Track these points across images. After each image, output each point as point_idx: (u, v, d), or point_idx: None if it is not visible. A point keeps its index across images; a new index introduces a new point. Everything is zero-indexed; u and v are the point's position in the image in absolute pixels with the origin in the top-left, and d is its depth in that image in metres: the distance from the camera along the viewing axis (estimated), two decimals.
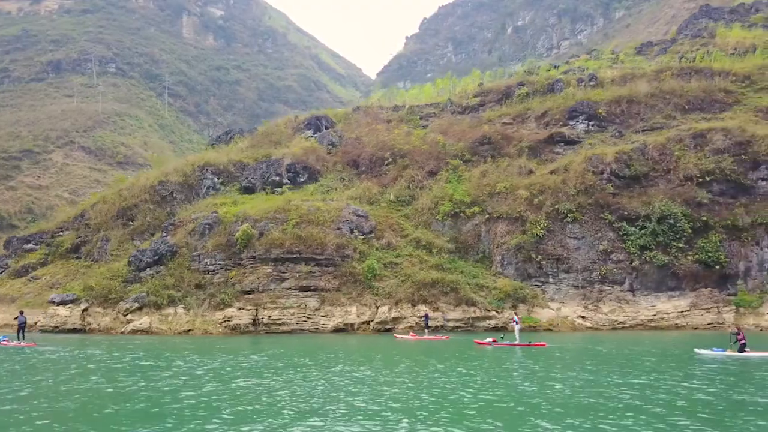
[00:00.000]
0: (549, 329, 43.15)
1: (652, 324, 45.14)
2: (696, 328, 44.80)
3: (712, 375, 19.62)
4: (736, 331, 25.28)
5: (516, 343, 29.74)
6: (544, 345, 28.75)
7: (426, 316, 36.57)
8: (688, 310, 45.76)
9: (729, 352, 24.51)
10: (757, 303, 45.66)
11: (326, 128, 58.19)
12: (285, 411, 13.41)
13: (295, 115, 65.45)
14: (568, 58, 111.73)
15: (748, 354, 24.06)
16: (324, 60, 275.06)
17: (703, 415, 13.08)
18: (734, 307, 45.92)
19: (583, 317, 45.00)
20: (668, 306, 45.98)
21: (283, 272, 41.73)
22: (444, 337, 34.54)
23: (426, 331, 35.47)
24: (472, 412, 13.25)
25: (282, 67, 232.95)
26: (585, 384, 17.34)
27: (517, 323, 31.92)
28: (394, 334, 37.28)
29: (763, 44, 70.82)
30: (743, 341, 24.40)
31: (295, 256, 41.92)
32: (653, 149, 50.77)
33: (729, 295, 46.83)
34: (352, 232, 44.44)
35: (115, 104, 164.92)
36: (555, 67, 70.71)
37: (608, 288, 46.22)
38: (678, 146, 50.75)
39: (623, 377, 19.02)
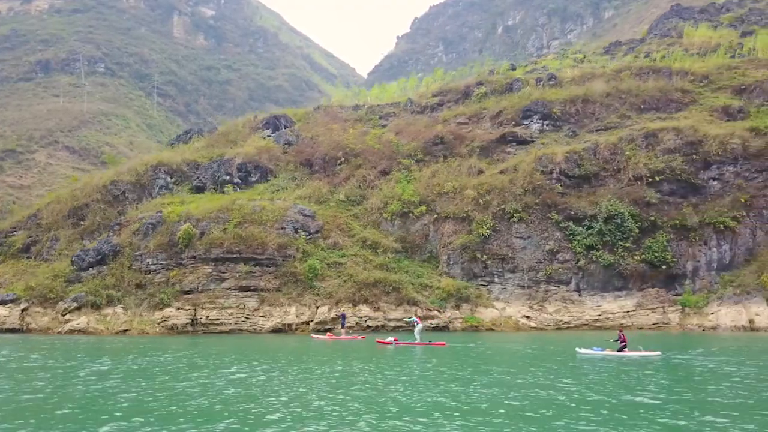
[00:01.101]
0: (491, 329, 42.96)
1: (598, 324, 44.90)
2: (641, 328, 44.55)
3: (579, 374, 19.41)
4: (619, 332, 25.68)
5: (417, 342, 29.65)
6: (443, 344, 28.78)
7: (342, 316, 36.33)
8: (633, 310, 45.54)
9: (608, 351, 24.89)
10: (702, 303, 45.42)
11: (285, 128, 58.02)
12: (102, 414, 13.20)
13: (254, 115, 65.27)
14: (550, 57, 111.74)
15: (624, 353, 24.44)
16: (316, 60, 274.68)
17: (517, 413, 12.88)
18: (680, 307, 45.73)
19: (527, 317, 44.77)
20: (614, 306, 45.75)
21: (223, 272, 41.55)
22: (360, 337, 34.27)
23: (342, 331, 35.27)
24: (309, 414, 13.10)
25: (273, 66, 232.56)
26: (444, 383, 17.19)
27: (417, 323, 31.73)
28: (311, 335, 37.10)
29: (727, 44, 70.63)
30: (624, 343, 24.93)
31: (235, 255, 41.72)
32: (604, 149, 50.51)
33: (676, 295, 46.57)
34: (296, 231, 44.23)
35: (102, 104, 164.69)
36: (513, 68, 70.35)
37: (554, 288, 46.00)
38: (629, 146, 50.48)
39: (489, 375, 18.96)
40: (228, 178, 50.63)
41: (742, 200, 48.52)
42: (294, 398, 15.08)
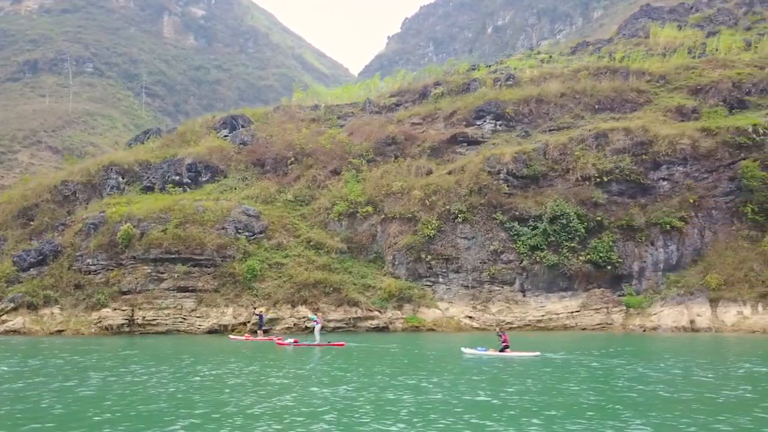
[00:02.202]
0: (432, 329, 42.80)
1: (541, 324, 44.68)
2: (584, 329, 44.32)
3: (451, 373, 19.13)
4: (500, 333, 25.80)
5: (315, 343, 29.52)
6: (342, 345, 28.69)
7: (260, 317, 36.15)
8: (578, 311, 45.28)
9: (491, 352, 24.84)
10: (646, 303, 45.22)
11: (243, 127, 57.85)
12: None
13: (212, 114, 65.13)
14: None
15: (505, 354, 24.41)
16: (308, 60, 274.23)
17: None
18: (625, 308, 45.52)
19: (470, 317, 44.55)
20: (558, 306, 45.52)
21: (162, 273, 41.36)
22: (276, 339, 34.03)
23: (259, 332, 35.09)
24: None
25: (263, 66, 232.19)
26: (315, 383, 16.96)
27: (317, 323, 31.54)
28: (229, 336, 36.94)
29: (692, 44, 70.38)
30: (505, 343, 24.90)
31: (173, 256, 41.52)
32: (554, 149, 50.27)
33: (622, 295, 46.38)
34: (238, 232, 44.05)
35: (89, 104, 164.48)
36: (474, 68, 70.13)
37: (498, 288, 45.78)
38: (579, 146, 50.22)
39: (365, 376, 18.80)
40: (177, 178, 50.42)
41: (691, 200, 48.29)
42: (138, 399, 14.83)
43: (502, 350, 24.72)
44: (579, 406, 14.00)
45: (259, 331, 34.73)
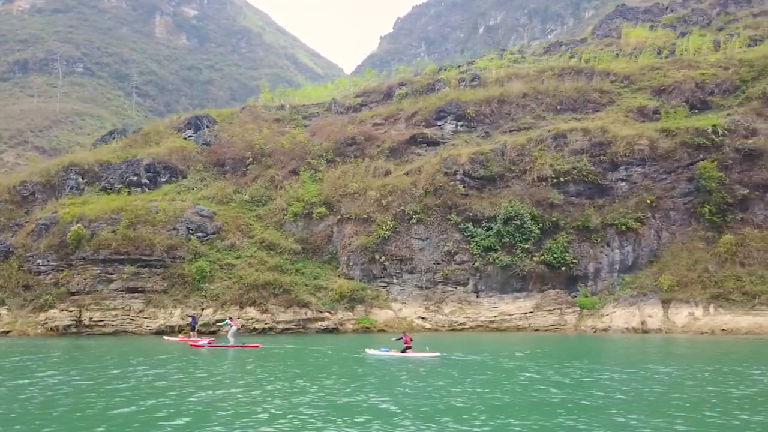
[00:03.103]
0: (383, 330, 42.58)
1: (494, 325, 44.46)
2: (537, 330, 44.11)
3: (347, 375, 18.79)
4: (402, 335, 25.88)
5: (230, 345, 29.37)
6: (257, 347, 28.56)
7: (193, 318, 35.94)
8: (531, 312, 45.06)
9: (392, 353, 24.90)
10: (600, 305, 45.02)
11: (207, 128, 57.68)
12: None
13: (178, 115, 64.95)
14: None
15: (406, 355, 24.47)
16: (301, 60, 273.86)
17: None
18: (579, 309, 45.34)
19: (423, 318, 44.35)
20: (512, 307, 45.31)
21: (111, 273, 41.14)
22: (208, 340, 33.73)
23: (193, 334, 34.89)
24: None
25: (256, 66, 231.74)
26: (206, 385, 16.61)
27: (231, 325, 31.31)
28: (164, 337, 36.76)
29: (661, 44, 70.15)
30: (407, 344, 24.95)
31: (122, 257, 41.31)
32: (512, 150, 50.07)
33: (576, 296, 46.25)
34: (191, 232, 43.84)
35: (78, 104, 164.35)
36: (441, 69, 69.93)
37: (451, 289, 45.57)
38: (538, 147, 50.00)
39: (267, 378, 18.58)
40: (135, 179, 50.24)
41: (648, 201, 48.07)
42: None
43: (403, 351, 24.70)
44: (403, 406, 13.71)
45: (192, 333, 34.53)
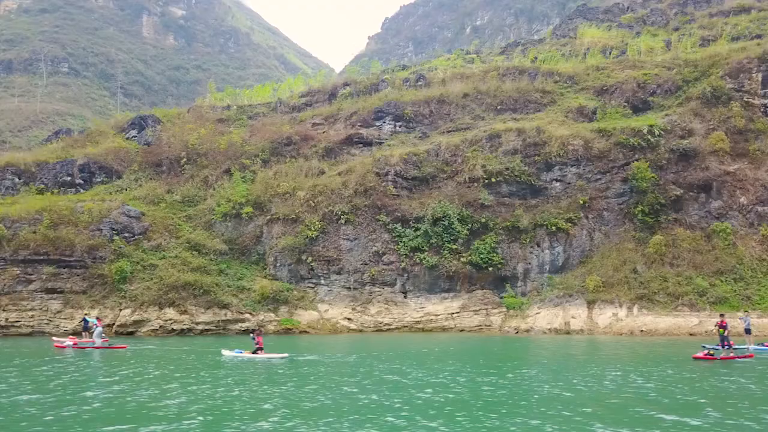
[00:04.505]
0: (306, 332, 42.32)
1: (420, 326, 44.13)
2: (463, 330, 43.84)
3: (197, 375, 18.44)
4: (255, 335, 25.69)
5: (96, 346, 29.14)
6: (124, 347, 28.33)
7: (84, 320, 35.61)
8: (458, 312, 44.79)
9: (246, 354, 24.83)
10: (526, 305, 44.77)
11: (151, 127, 57.40)
12: None
13: (125, 114, 64.68)
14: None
15: (257, 356, 24.48)
16: (290, 60, 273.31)
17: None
18: (505, 309, 45.07)
19: (349, 319, 44.05)
20: (439, 308, 45.01)
21: (30, 274, 40.79)
22: (103, 340, 33.43)
23: (84, 334, 34.56)
24: None
25: (244, 66, 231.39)
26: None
27: (97, 326, 30.96)
28: (52, 338, 36.41)
29: (616, 44, 69.76)
30: (258, 345, 24.91)
31: (42, 257, 40.99)
32: (446, 150, 49.79)
33: (504, 297, 45.96)
34: (116, 233, 43.56)
35: (61, 104, 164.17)
36: (385, 71, 69.58)
37: (379, 289, 45.26)
38: (472, 147, 49.67)
39: (111, 379, 18.30)
40: (69, 179, 50.03)
41: (581, 202, 47.79)
42: None
43: (254, 352, 24.57)
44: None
45: (84, 334, 34.21)
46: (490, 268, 45.13)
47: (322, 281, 45.21)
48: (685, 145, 48.65)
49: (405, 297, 45.10)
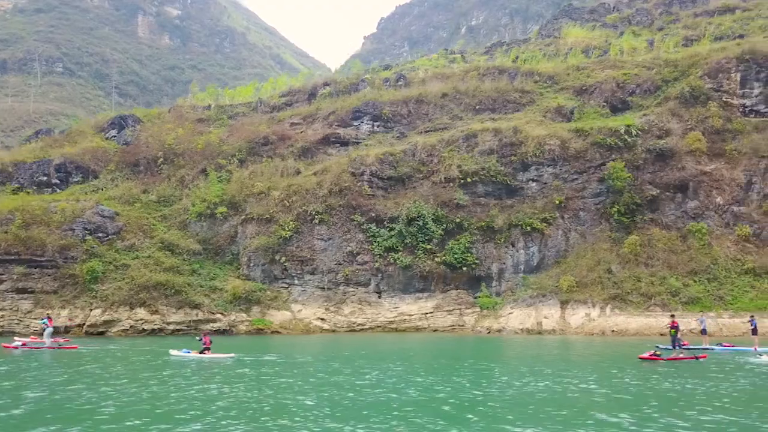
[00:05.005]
0: (278, 332, 42.19)
1: (393, 326, 43.95)
2: (436, 330, 43.70)
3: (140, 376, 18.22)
4: (203, 336, 25.67)
5: (46, 346, 29.05)
6: (75, 348, 28.28)
7: (45, 320, 35.48)
8: (431, 312, 44.67)
9: (193, 354, 24.89)
10: (499, 305, 44.63)
11: (131, 127, 57.30)
12: None
13: (104, 114, 64.56)
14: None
15: (204, 356, 24.46)
16: (287, 60, 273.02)
17: None
18: (479, 309, 44.95)
19: (322, 319, 43.90)
20: (413, 308, 44.88)
21: (1, 274, 40.59)
22: (53, 340, 33.03)
23: (45, 335, 34.37)
24: None
25: (239, 66, 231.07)
26: None
27: (48, 326, 30.79)
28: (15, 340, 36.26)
29: (599, 44, 69.65)
30: (206, 345, 24.83)
31: (13, 257, 40.83)
32: (422, 150, 49.67)
33: (479, 296, 45.83)
34: (89, 232, 43.44)
35: (55, 104, 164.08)
36: (368, 70, 69.46)
37: (353, 289, 45.13)
38: (449, 147, 49.55)
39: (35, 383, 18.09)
40: (45, 179, 49.96)
41: (557, 202, 47.65)
42: None
43: (201, 352, 24.48)
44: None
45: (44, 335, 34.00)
46: (465, 268, 45.02)
47: (296, 281, 45.08)
48: (662, 145, 48.54)
49: (379, 297, 44.97)
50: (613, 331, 39.82)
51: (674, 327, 23.32)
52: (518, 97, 55.12)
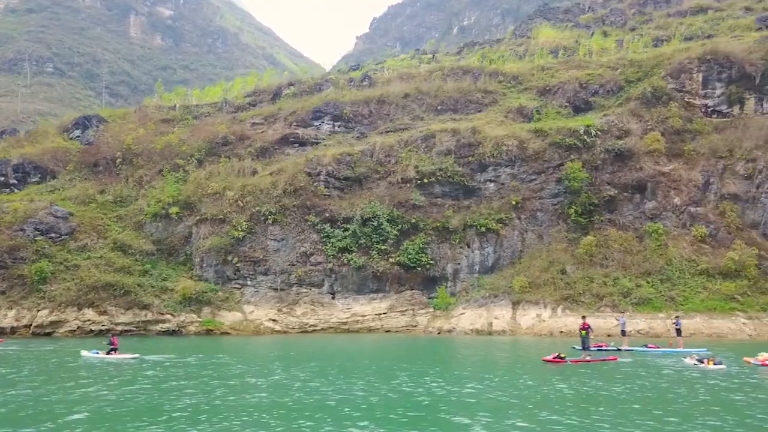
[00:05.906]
0: (228, 333, 41.88)
1: (346, 327, 43.67)
2: (389, 331, 43.42)
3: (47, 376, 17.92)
4: (111, 337, 25.78)
5: None
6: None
7: None
8: (385, 313, 44.40)
9: (101, 354, 24.75)
10: (452, 306, 44.33)
11: (95, 128, 57.05)
12: None
13: (69, 115, 64.35)
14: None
15: (110, 356, 24.37)
16: (280, 60, 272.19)
17: None
18: (432, 310, 44.67)
19: (274, 320, 43.61)
20: (367, 308, 44.60)
21: None
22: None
23: None
24: None
25: (232, 67, 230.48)
26: None
27: None
28: None
29: (569, 44, 69.36)
30: (112, 346, 25.05)
31: None
32: (380, 151, 49.39)
33: (433, 297, 45.54)
34: (41, 233, 43.19)
35: (44, 104, 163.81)
36: (338, 71, 69.03)
37: (306, 290, 44.84)
38: (407, 148, 49.28)
39: None
40: (3, 179, 49.70)
41: (513, 202, 47.37)
42: None
43: (108, 353, 24.39)
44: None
45: None
46: (419, 269, 44.74)
47: (249, 282, 44.79)
48: (621, 145, 48.25)
49: (333, 298, 44.68)
50: (561, 332, 39.45)
51: (585, 328, 23.01)
52: (481, 97, 54.83)
